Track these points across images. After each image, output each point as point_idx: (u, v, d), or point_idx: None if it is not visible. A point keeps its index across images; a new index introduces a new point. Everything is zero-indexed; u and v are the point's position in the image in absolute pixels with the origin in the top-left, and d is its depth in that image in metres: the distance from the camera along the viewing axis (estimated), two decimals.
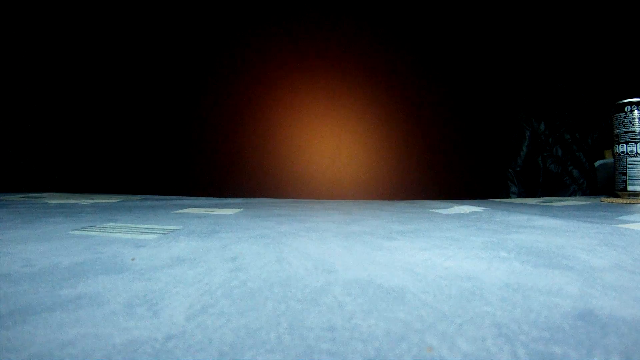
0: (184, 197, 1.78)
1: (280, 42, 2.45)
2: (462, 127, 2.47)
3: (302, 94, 2.47)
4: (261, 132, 2.49)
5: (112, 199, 1.57)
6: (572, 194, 2.39)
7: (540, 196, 2.31)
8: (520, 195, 2.43)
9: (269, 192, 2.36)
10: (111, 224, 0.87)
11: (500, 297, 0.37)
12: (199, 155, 2.49)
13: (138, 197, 1.77)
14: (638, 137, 1.37)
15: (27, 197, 1.64)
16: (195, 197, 1.79)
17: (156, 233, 0.74)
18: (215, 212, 1.13)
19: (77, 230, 0.77)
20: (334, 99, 2.46)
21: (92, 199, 1.59)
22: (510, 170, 2.47)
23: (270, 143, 2.47)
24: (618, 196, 1.44)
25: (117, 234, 0.73)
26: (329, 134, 2.47)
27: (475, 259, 0.52)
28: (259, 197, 1.85)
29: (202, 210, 1.18)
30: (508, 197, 2.39)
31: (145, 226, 0.83)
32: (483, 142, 2.48)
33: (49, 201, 1.44)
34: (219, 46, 2.48)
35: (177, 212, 1.14)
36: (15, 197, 1.60)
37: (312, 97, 2.47)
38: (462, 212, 1.10)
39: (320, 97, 2.47)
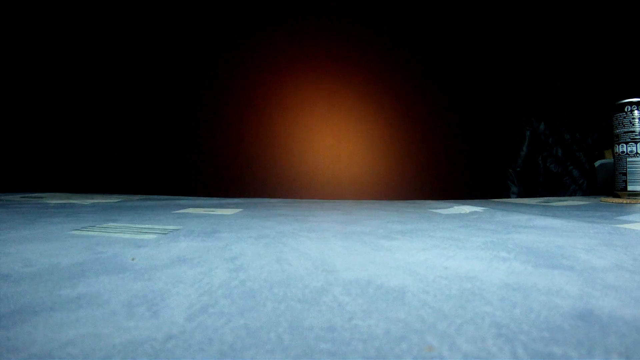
0: (184, 197, 1.78)
1: (281, 43, 2.45)
2: (463, 127, 2.47)
3: (303, 94, 2.47)
4: (262, 132, 2.50)
5: (113, 199, 1.57)
6: (572, 194, 2.39)
7: (540, 196, 2.31)
8: (520, 195, 2.43)
9: (270, 192, 2.36)
10: (111, 224, 0.87)
11: (500, 297, 0.37)
12: (199, 155, 2.50)
13: (138, 197, 1.77)
14: (638, 137, 1.37)
15: (28, 197, 1.64)
16: (196, 197, 1.79)
17: (156, 233, 0.74)
18: (215, 212, 1.13)
19: (77, 230, 0.77)
20: (335, 99, 2.46)
21: (93, 199, 1.59)
22: (510, 170, 2.47)
23: (271, 143, 2.47)
24: (618, 196, 1.44)
25: (117, 234, 0.73)
26: (329, 134, 2.47)
27: (475, 259, 0.52)
28: (259, 197, 1.85)
29: (202, 210, 1.18)
30: (508, 197, 2.39)
31: (146, 226, 0.83)
32: (483, 142, 2.48)
33: (49, 201, 1.44)
34: (221, 46, 2.48)
35: (177, 212, 1.14)
36: (16, 197, 1.60)
37: (313, 97, 2.47)
38: (462, 212, 1.10)
39: (320, 97, 2.47)
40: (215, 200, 1.59)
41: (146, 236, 0.71)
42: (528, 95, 2.46)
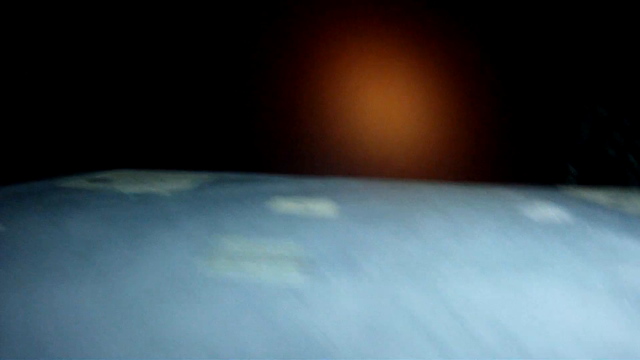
0: (259, 176, 1.76)
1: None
2: (523, 107, 2.41)
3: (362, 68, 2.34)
4: (314, 106, 2.41)
5: (186, 183, 1.52)
6: (630, 183, 2.40)
7: (600, 184, 2.31)
8: (578, 179, 2.44)
9: (330, 170, 2.30)
10: (225, 239, 0.85)
11: None
12: (264, 127, 2.40)
13: (208, 175, 1.73)
14: None
15: (94, 180, 1.56)
16: (269, 175, 1.78)
17: (293, 264, 0.74)
18: (311, 208, 1.14)
19: (201, 259, 0.76)
20: (391, 75, 2.35)
21: (164, 180, 1.56)
22: (569, 152, 2.46)
23: (327, 118, 2.39)
24: None
25: (257, 271, 0.71)
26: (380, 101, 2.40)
27: (617, 321, 0.56)
28: (324, 174, 1.87)
29: (294, 205, 1.17)
30: (566, 180, 2.39)
31: (269, 249, 0.81)
32: (543, 123, 2.45)
33: (122, 189, 1.37)
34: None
35: (269, 206, 1.14)
36: (82, 183, 1.49)
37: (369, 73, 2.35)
38: (550, 218, 1.10)
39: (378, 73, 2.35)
40: (295, 184, 1.55)
41: (290, 275, 0.70)
42: (590, 78, 2.38)
